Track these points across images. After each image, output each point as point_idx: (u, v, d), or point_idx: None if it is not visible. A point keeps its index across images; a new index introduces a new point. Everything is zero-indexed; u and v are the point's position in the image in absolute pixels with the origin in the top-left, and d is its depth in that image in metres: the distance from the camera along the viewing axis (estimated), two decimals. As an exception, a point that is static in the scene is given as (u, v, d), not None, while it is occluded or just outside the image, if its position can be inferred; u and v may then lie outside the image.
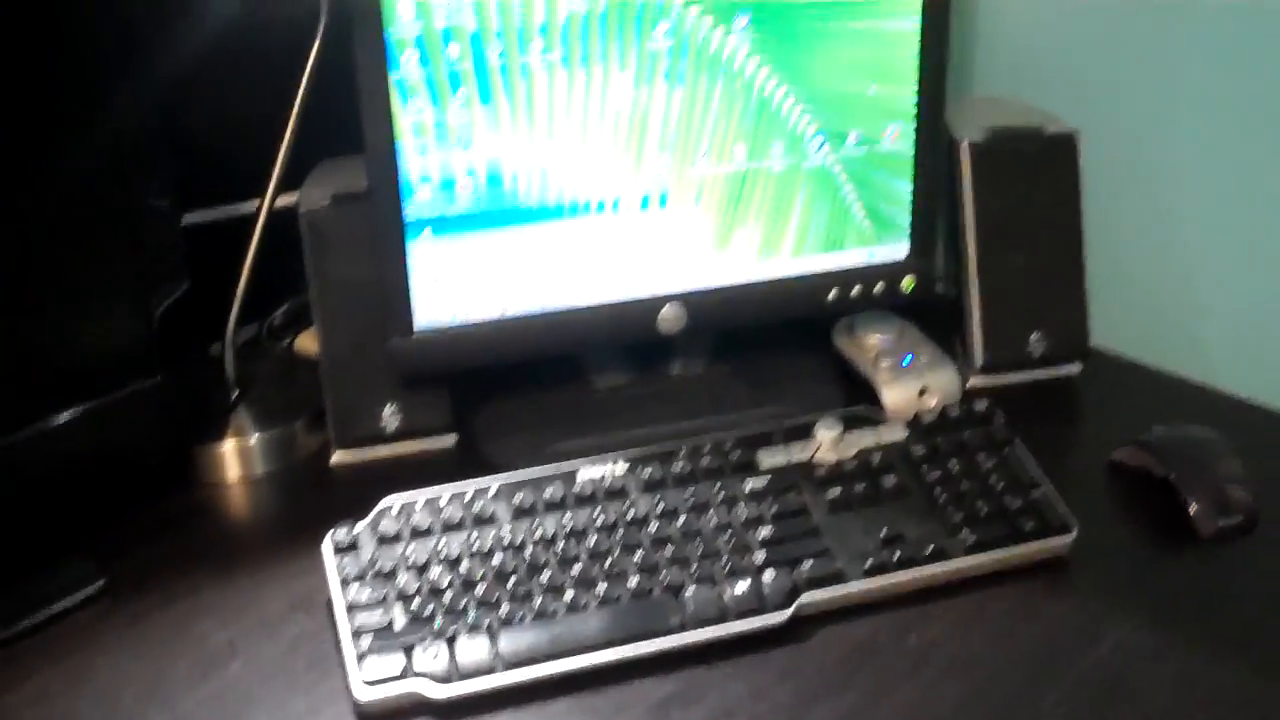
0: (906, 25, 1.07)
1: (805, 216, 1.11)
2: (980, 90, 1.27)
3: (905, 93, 1.09)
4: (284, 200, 1.11)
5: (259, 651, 0.95)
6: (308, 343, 1.23)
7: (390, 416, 1.12)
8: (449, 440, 1.15)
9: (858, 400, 1.15)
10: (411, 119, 1.01)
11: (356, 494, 1.05)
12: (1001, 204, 1.16)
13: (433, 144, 1.02)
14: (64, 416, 1.06)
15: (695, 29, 1.03)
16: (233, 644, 0.96)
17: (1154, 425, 1.09)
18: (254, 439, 1.13)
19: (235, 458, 1.13)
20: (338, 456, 1.14)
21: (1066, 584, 0.99)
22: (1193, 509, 1.02)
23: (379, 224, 1.04)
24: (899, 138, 1.10)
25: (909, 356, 1.17)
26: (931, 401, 1.14)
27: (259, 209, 1.10)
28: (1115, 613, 0.95)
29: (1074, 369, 1.20)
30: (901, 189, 1.12)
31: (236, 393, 1.16)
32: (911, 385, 1.15)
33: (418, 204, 1.04)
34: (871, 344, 1.18)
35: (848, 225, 1.12)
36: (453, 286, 1.07)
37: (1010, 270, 1.17)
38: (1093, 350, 1.20)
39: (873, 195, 1.12)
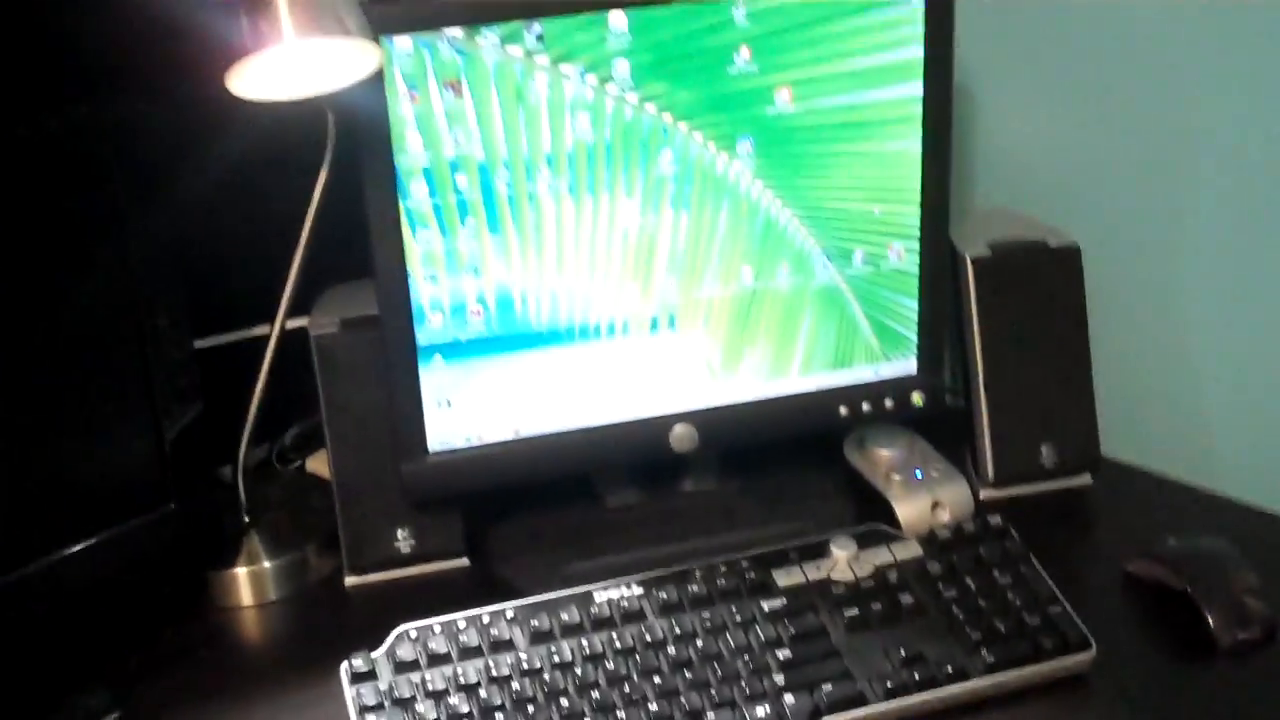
0: (908, 146, 1.08)
1: (813, 335, 1.12)
2: (981, 203, 1.29)
3: (909, 211, 1.11)
4: (294, 324, 1.12)
5: (276, 785, 0.95)
6: (318, 465, 1.23)
7: (403, 540, 1.12)
8: (462, 562, 1.15)
9: (871, 514, 1.15)
10: (421, 247, 1.02)
11: (371, 618, 1.05)
12: (1007, 317, 1.17)
13: (443, 272, 1.03)
14: (78, 546, 1.07)
15: (700, 154, 1.05)
16: (252, 776, 0.96)
17: (1167, 536, 1.09)
18: (267, 564, 1.13)
19: (249, 583, 1.13)
20: (351, 580, 1.14)
21: (1086, 701, 0.98)
22: (1211, 622, 1.02)
23: (390, 350, 1.05)
24: (904, 255, 1.12)
25: (920, 470, 1.17)
26: (945, 515, 1.14)
27: (269, 334, 1.11)
28: (1138, 730, 0.95)
29: (1085, 479, 1.20)
30: (908, 306, 1.13)
31: (248, 518, 1.16)
32: (924, 499, 1.15)
33: (429, 330, 1.05)
34: (883, 458, 1.19)
35: (856, 342, 1.13)
36: (465, 410, 1.07)
37: (1018, 382, 1.17)
38: (1103, 459, 1.20)
39: (880, 312, 1.13)
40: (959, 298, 1.18)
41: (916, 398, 1.15)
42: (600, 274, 1.06)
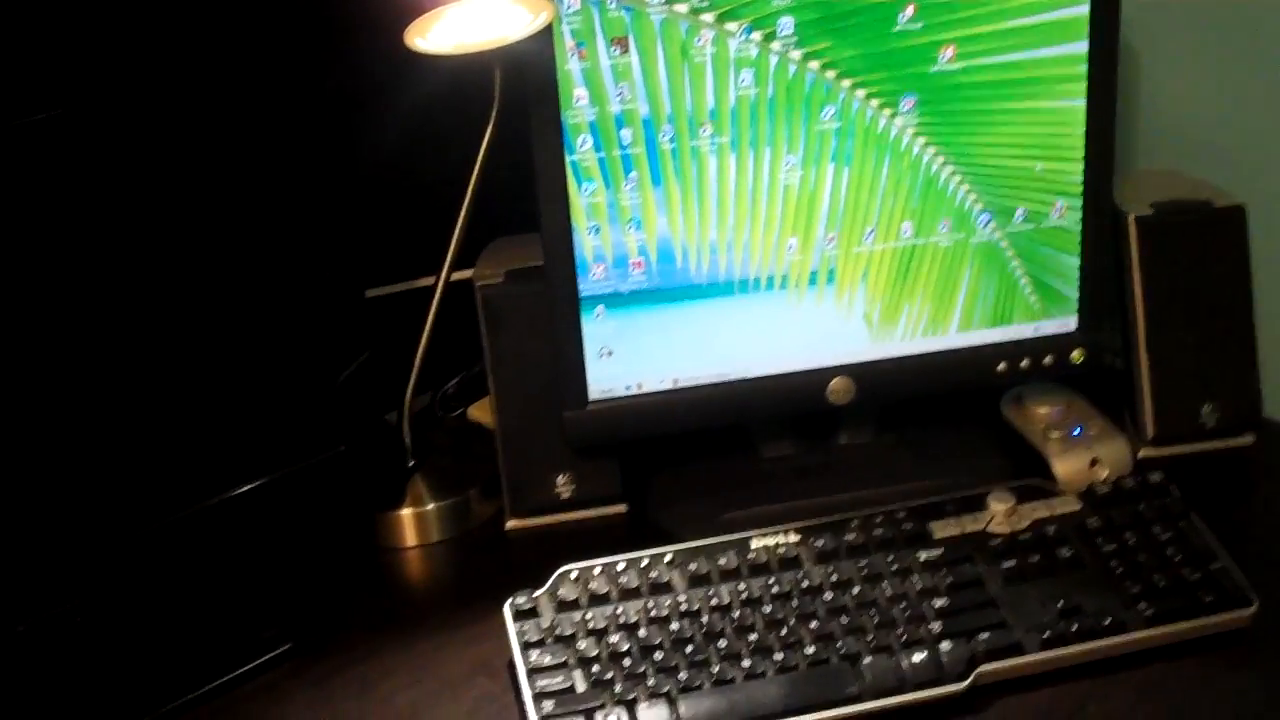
0: (1073, 103, 1.08)
1: (972, 291, 1.12)
2: (1144, 163, 1.28)
3: (1072, 169, 1.10)
4: (459, 276, 1.15)
5: (443, 713, 0.99)
6: (480, 413, 1.27)
7: (563, 486, 1.15)
8: (620, 509, 1.17)
9: (1026, 471, 1.15)
10: (586, 200, 1.05)
11: (531, 560, 1.08)
12: (1169, 277, 1.16)
13: (606, 224, 1.06)
14: (251, 485, 1.11)
15: (862, 110, 1.05)
16: (415, 706, 0.99)
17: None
18: (431, 507, 1.17)
19: (414, 524, 1.17)
20: (512, 524, 1.17)
21: (1247, 657, 0.98)
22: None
23: (554, 300, 1.08)
24: (1066, 213, 1.11)
25: (1079, 428, 1.17)
26: (1102, 473, 1.14)
27: (435, 284, 1.14)
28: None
29: (1247, 440, 1.19)
30: (1069, 264, 1.13)
31: (413, 461, 1.20)
32: (1082, 456, 1.14)
33: (591, 281, 1.07)
34: (1040, 415, 1.19)
35: (1015, 300, 1.13)
36: (625, 359, 1.10)
37: (1179, 342, 1.16)
38: (1266, 420, 1.19)
39: (1040, 270, 1.13)
40: (1121, 257, 1.17)
41: (1076, 355, 1.15)
42: (760, 228, 1.08)
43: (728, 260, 1.08)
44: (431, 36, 0.95)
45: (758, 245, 1.08)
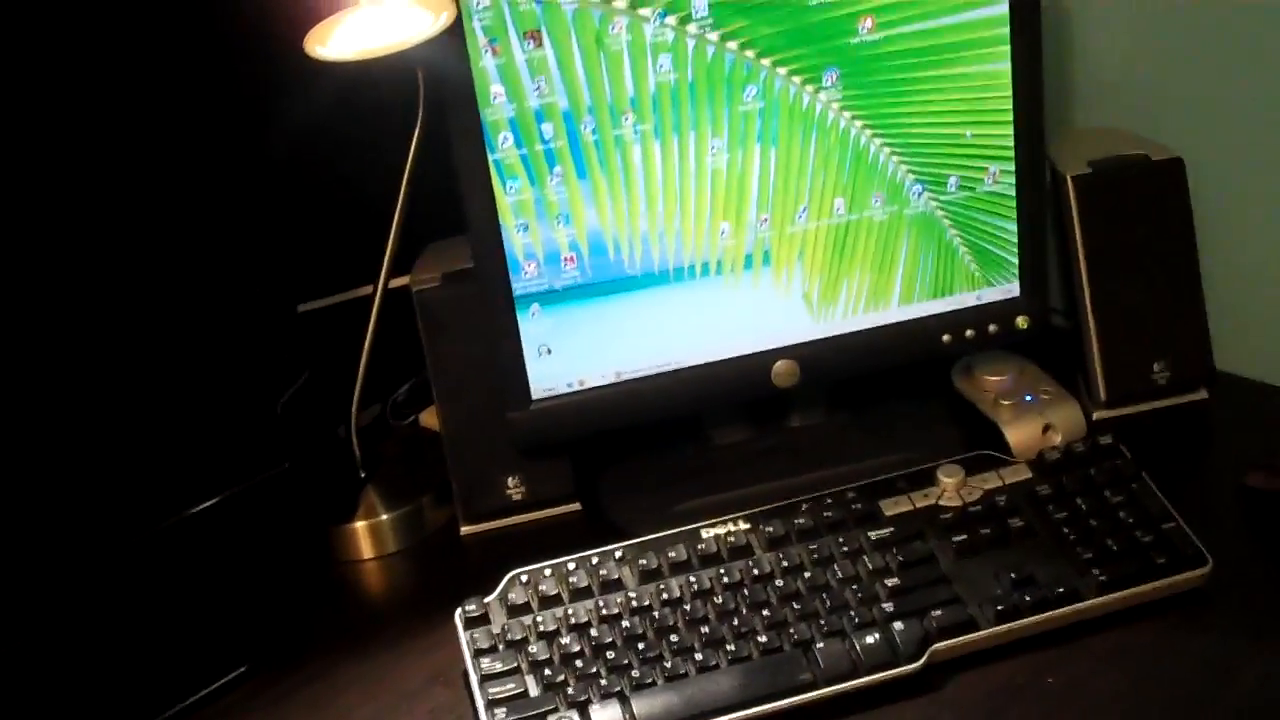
0: (997, 66, 1.07)
1: (911, 264, 1.11)
2: (1080, 120, 1.26)
3: (1001, 133, 1.09)
4: (397, 282, 1.14)
5: (398, 727, 0.98)
6: (431, 419, 1.26)
7: (514, 488, 1.14)
8: (574, 507, 1.16)
9: (981, 442, 1.14)
10: (512, 198, 1.03)
11: (487, 565, 1.07)
12: (1112, 234, 1.15)
13: (534, 221, 1.04)
14: (199, 507, 1.10)
15: (785, 88, 1.04)
16: (375, 719, 0.98)
17: (1287, 448, 1.07)
18: (384, 517, 1.16)
19: (367, 537, 1.15)
20: (466, 529, 1.16)
21: (1205, 618, 0.97)
22: (1335, 532, 1.00)
23: (489, 301, 1.06)
24: (999, 178, 1.10)
25: (1030, 394, 1.15)
26: (1056, 439, 1.13)
27: (374, 292, 1.13)
28: (1259, 645, 0.93)
29: (1201, 395, 1.18)
30: (1007, 229, 1.12)
31: (364, 473, 1.18)
32: (1035, 423, 1.13)
33: (524, 280, 1.06)
34: (991, 384, 1.17)
35: (955, 269, 1.12)
36: (565, 356, 1.09)
37: (1126, 300, 1.15)
38: (1218, 374, 1.18)
39: (978, 237, 1.12)
40: (1061, 217, 1.16)
41: (1021, 321, 1.14)
42: (691, 214, 1.06)
43: (660, 249, 1.07)
44: (332, 43, 0.94)
45: (690, 232, 1.07)
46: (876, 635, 0.95)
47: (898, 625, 0.95)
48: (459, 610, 1.00)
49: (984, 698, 0.93)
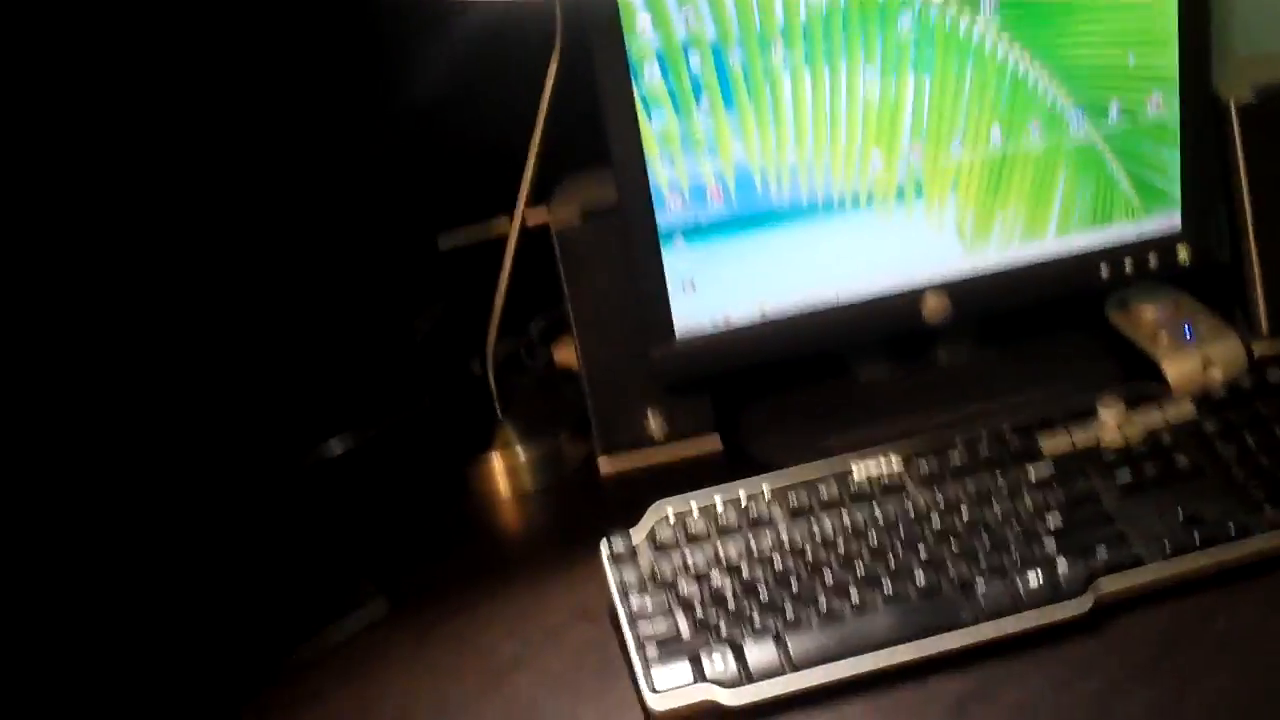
0: (1163, -13, 1.02)
1: (1069, 195, 1.07)
2: (1241, 48, 1.21)
3: (1166, 58, 1.04)
4: (533, 217, 1.12)
5: (545, 662, 0.96)
6: (566, 355, 1.24)
7: (654, 423, 1.13)
8: (714, 442, 1.14)
9: (1138, 377, 1.10)
10: (657, 130, 1.01)
11: (627, 500, 1.06)
12: (1275, 164, 1.10)
13: (679, 153, 1.02)
14: (340, 446, 1.10)
15: (941, 16, 1.00)
16: (517, 656, 0.97)
17: None
18: (522, 453, 1.15)
19: (504, 473, 1.14)
20: (605, 464, 1.15)
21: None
22: None
23: (631, 235, 1.04)
24: (1163, 105, 1.06)
25: (1188, 327, 1.12)
26: (1217, 373, 1.09)
27: (510, 229, 1.11)
28: None
29: (1362, 330, 1.13)
30: (1169, 158, 1.07)
31: (501, 409, 1.17)
32: (1195, 357, 1.09)
33: (669, 213, 1.03)
34: (1148, 317, 1.14)
35: (1115, 200, 1.08)
36: (710, 292, 1.06)
37: (1290, 232, 1.11)
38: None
39: (1139, 167, 1.07)
40: (1223, 147, 1.11)
41: (1183, 253, 1.10)
42: (842, 146, 1.03)
43: (809, 182, 1.04)
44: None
45: (839, 164, 1.04)
46: (1039, 573, 0.92)
47: (1061, 563, 0.92)
48: (603, 545, 0.99)
49: (1150, 639, 0.90)
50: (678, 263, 1.05)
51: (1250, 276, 1.12)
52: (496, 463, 1.14)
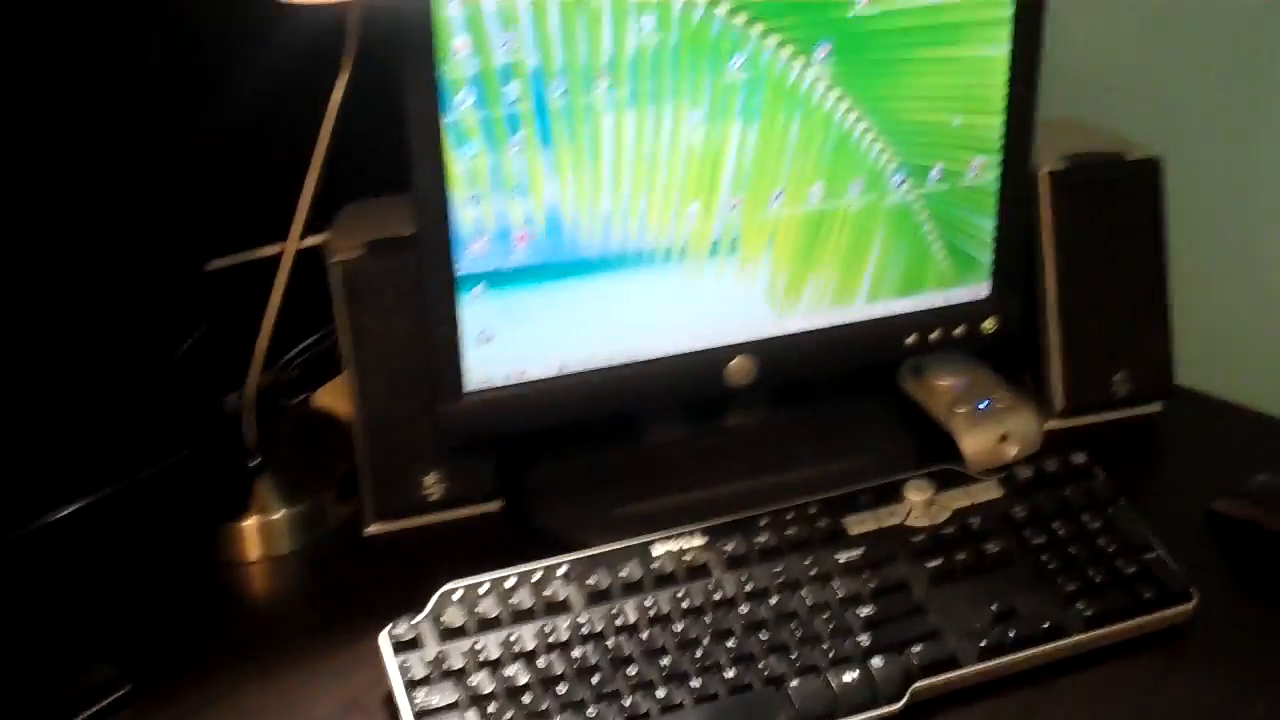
0: (995, 51, 0.98)
1: (883, 258, 1.02)
2: (1046, 114, 1.19)
3: (992, 123, 1.01)
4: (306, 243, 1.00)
5: (318, 763, 0.86)
6: (328, 399, 1.13)
7: (433, 485, 1.03)
8: (494, 506, 1.05)
9: (930, 447, 1.07)
10: (465, 165, 0.91)
11: (399, 571, 0.98)
12: (1081, 236, 1.08)
13: (488, 192, 0.92)
14: (86, 500, 0.96)
15: (773, 60, 0.94)
16: (287, 756, 0.86)
17: (1257, 474, 1.02)
18: (281, 514, 1.03)
19: (261, 535, 1.02)
20: (372, 529, 1.04)
21: (1189, 655, 0.91)
22: (1313, 566, 0.95)
23: (428, 279, 0.94)
24: (982, 171, 1.02)
25: (986, 401, 1.09)
26: (1012, 450, 1.07)
27: (281, 254, 1.00)
28: (1247, 687, 0.88)
29: (1155, 408, 1.13)
30: (984, 226, 1.04)
31: (258, 460, 1.05)
32: (992, 432, 1.07)
33: (471, 257, 0.93)
34: (944, 388, 1.10)
35: (926, 266, 1.04)
36: (507, 344, 0.97)
37: (1091, 306, 1.09)
38: (1176, 388, 1.13)
39: (954, 232, 1.03)
40: (1029, 215, 1.09)
41: (989, 324, 1.06)
42: (660, 193, 0.95)
43: (622, 230, 0.96)
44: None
45: (655, 212, 0.96)
46: (855, 673, 0.86)
47: (876, 662, 0.87)
48: (386, 631, 0.88)
49: (967, 742, 0.86)
50: (475, 312, 0.95)
51: (1049, 351, 1.10)
52: (251, 523, 1.02)
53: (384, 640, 0.88)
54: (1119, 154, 1.09)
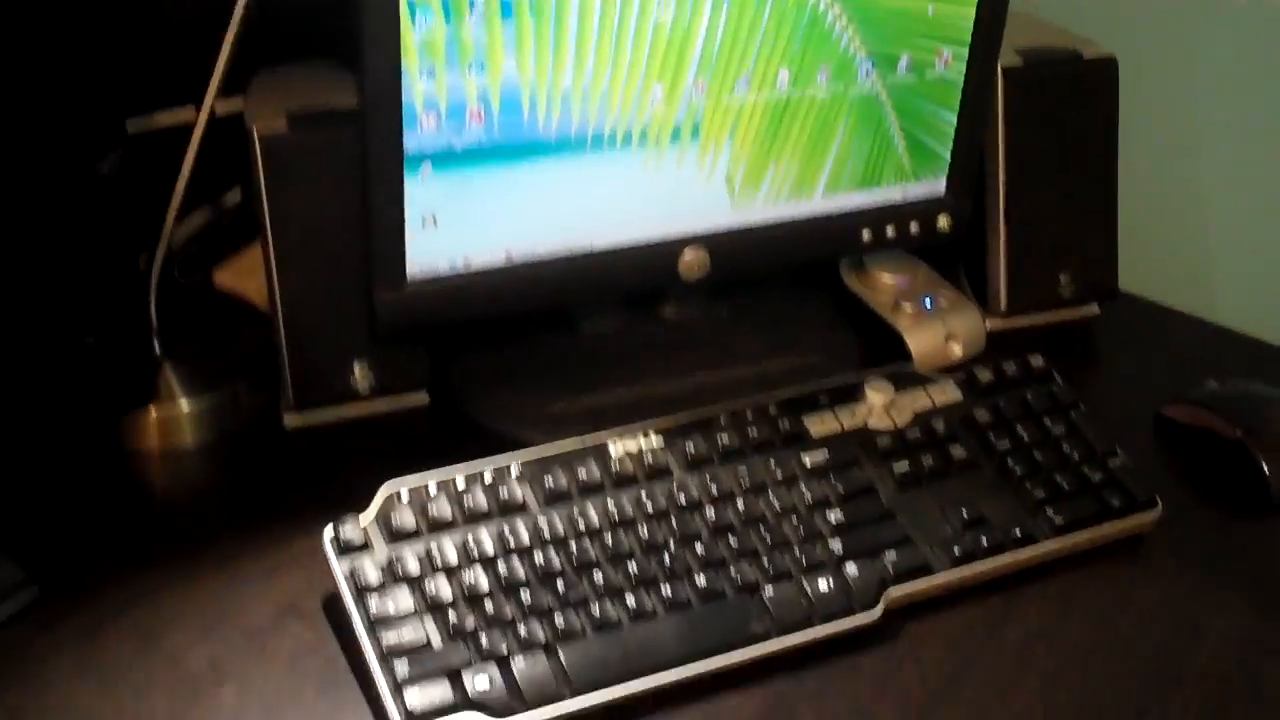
0: (975, -66, 0.94)
1: (844, 150, 0.98)
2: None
3: (964, 13, 0.97)
4: (225, 108, 0.92)
5: (251, 674, 0.79)
6: (232, 279, 1.04)
7: (360, 374, 0.95)
8: (421, 398, 0.99)
9: (874, 343, 1.05)
10: (420, 36, 0.83)
11: (324, 465, 0.92)
12: (1034, 135, 1.05)
13: (442, 65, 0.84)
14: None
15: (753, -71, 0.88)
16: (215, 664, 0.79)
17: (1205, 380, 1.02)
18: (190, 402, 0.95)
19: (169, 426, 0.94)
20: (292, 420, 0.97)
21: (1151, 565, 0.90)
22: (1268, 470, 0.95)
23: (372, 157, 0.86)
24: (951, 64, 0.98)
25: (929, 298, 1.06)
26: (957, 348, 1.05)
27: (195, 121, 0.91)
28: (1209, 598, 0.87)
29: (1093, 309, 1.11)
30: (946, 120, 1.00)
31: (160, 349, 0.96)
32: (937, 331, 1.04)
33: (420, 135, 0.86)
34: (887, 284, 1.07)
35: (887, 160, 1.00)
36: (453, 229, 0.90)
37: (1039, 206, 1.07)
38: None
39: (916, 126, 0.99)
40: (982, 111, 1.05)
41: (943, 221, 1.03)
42: (624, 73, 0.89)
43: (581, 112, 0.89)
44: None
45: (618, 93, 0.89)
46: (829, 580, 0.83)
47: (850, 568, 0.84)
48: (328, 531, 0.81)
49: (944, 651, 0.83)
50: (422, 192, 0.88)
51: (995, 250, 1.07)
52: (159, 411, 0.94)
53: (327, 541, 0.81)
54: (1074, 52, 1.06)
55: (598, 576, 0.82)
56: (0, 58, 0.84)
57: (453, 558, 0.81)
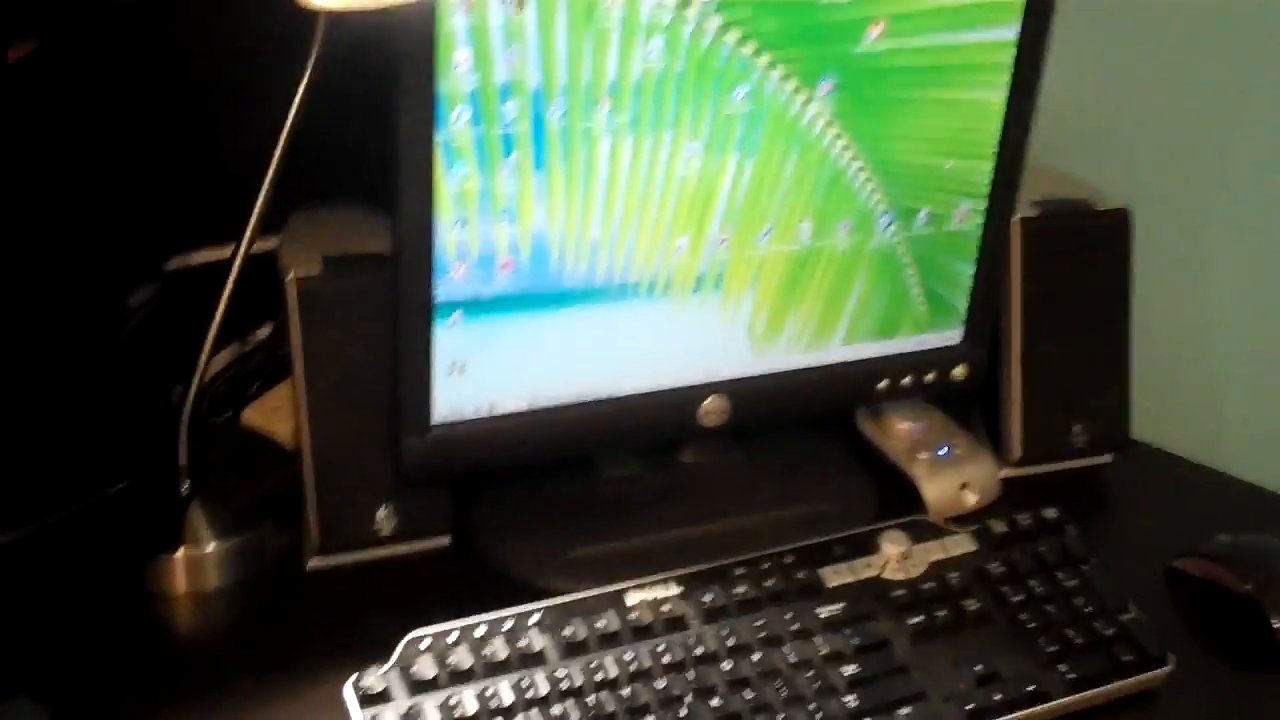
0: (992, 95, 0.96)
1: (863, 300, 0.99)
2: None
3: (982, 168, 0.99)
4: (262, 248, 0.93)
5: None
6: (260, 418, 1.05)
7: (384, 518, 0.96)
8: (444, 541, 0.99)
9: (889, 491, 1.05)
10: (454, 185, 0.85)
11: (346, 609, 0.92)
12: (1050, 285, 1.07)
13: (475, 215, 0.86)
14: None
15: (776, 93, 0.90)
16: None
17: (1217, 534, 1.02)
18: (217, 544, 0.95)
19: (195, 568, 0.95)
20: (316, 562, 0.97)
21: (1155, 717, 0.90)
22: (1277, 626, 0.95)
23: (402, 305, 0.88)
24: (968, 216, 1.00)
25: (946, 447, 1.07)
26: (972, 499, 1.05)
27: (232, 260, 0.92)
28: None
29: (1106, 459, 1.12)
30: (963, 272, 1.02)
31: (188, 486, 0.97)
32: (952, 479, 1.05)
33: (451, 283, 0.88)
34: (903, 432, 1.08)
35: (904, 310, 1.01)
36: (479, 376, 0.91)
37: (1053, 356, 1.08)
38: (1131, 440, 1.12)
39: (933, 277, 1.01)
40: (999, 261, 1.07)
41: (959, 371, 1.04)
42: (650, 224, 0.91)
43: (608, 261, 0.91)
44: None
45: (644, 244, 0.91)
46: (847, 738, 0.83)
47: (866, 726, 0.84)
48: (351, 682, 0.82)
49: (960, 812, 0.83)
50: (450, 340, 0.89)
51: (1009, 399, 1.08)
52: (185, 553, 0.94)
53: (349, 692, 0.82)
54: (1087, 202, 1.08)
55: (616, 729, 0.82)
56: (37, 199, 0.86)
57: (471, 708, 0.81)
